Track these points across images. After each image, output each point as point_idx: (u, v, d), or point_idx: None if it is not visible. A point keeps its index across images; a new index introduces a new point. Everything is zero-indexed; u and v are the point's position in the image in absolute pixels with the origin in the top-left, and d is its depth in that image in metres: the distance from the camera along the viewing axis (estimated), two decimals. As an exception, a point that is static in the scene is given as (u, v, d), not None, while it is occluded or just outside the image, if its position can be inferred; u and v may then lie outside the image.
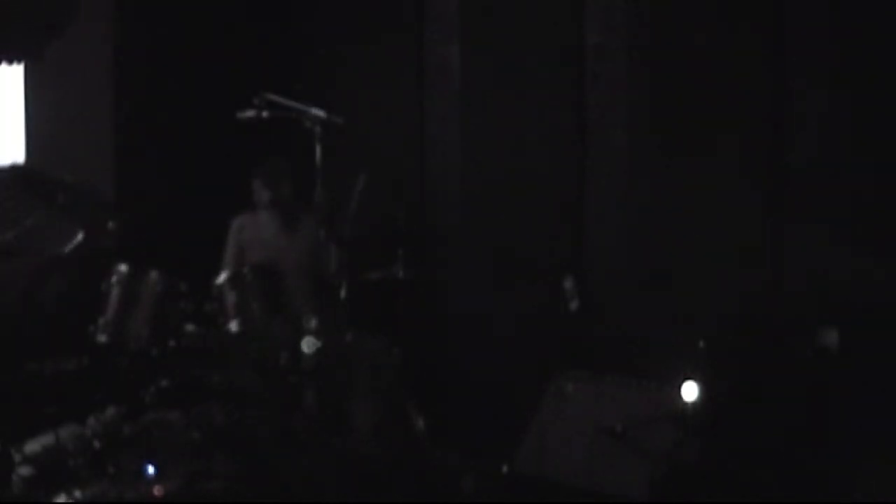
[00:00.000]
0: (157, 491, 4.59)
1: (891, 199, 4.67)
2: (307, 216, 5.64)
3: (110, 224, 5.22)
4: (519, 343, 5.77)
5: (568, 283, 5.28)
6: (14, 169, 5.31)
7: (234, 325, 5.22)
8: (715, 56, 5.16)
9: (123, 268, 5.20)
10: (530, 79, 5.87)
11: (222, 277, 5.31)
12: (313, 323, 4.88)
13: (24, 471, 4.71)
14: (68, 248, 4.76)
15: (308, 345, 4.82)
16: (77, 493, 4.56)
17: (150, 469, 4.70)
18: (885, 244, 4.65)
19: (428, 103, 6.40)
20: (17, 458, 4.73)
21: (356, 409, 5.22)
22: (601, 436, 4.62)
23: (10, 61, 6.04)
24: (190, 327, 5.25)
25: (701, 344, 4.65)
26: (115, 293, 5.16)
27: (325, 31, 6.91)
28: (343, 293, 5.43)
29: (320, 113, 4.94)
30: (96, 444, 4.85)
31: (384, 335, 5.47)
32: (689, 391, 4.49)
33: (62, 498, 4.52)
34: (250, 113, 5.07)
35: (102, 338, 5.14)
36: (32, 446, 4.90)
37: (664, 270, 5.30)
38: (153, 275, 5.22)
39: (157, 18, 6.64)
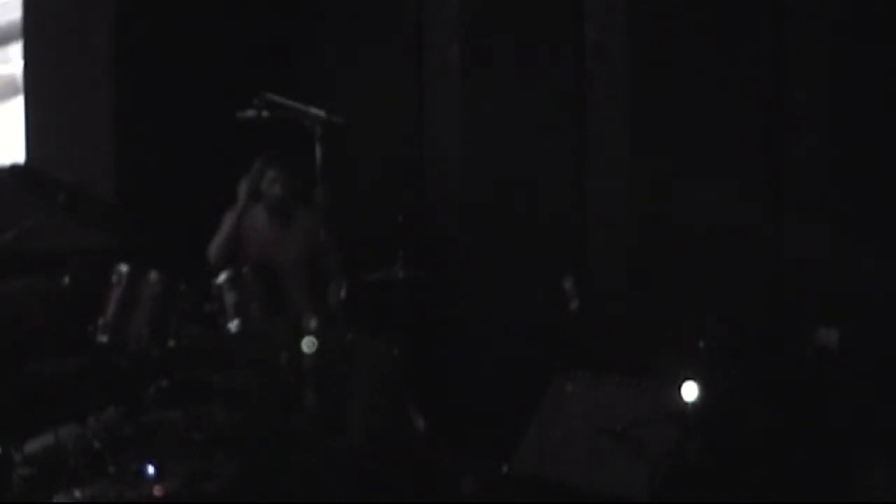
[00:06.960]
0: (157, 491, 4.59)
1: (891, 198, 4.66)
2: (303, 213, 5.62)
3: (110, 224, 5.23)
4: (519, 343, 5.77)
5: (568, 283, 5.28)
6: (14, 169, 5.32)
7: (233, 325, 5.23)
8: (715, 55, 5.16)
9: (123, 268, 5.20)
10: (530, 78, 5.87)
11: (222, 277, 5.31)
12: (313, 323, 4.88)
13: (24, 471, 4.71)
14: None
15: (308, 345, 4.81)
16: (77, 493, 4.56)
17: (150, 469, 4.70)
18: (885, 243, 4.65)
19: (428, 103, 6.39)
20: (17, 458, 4.73)
21: (356, 410, 5.22)
22: (601, 436, 4.61)
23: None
24: (190, 327, 5.26)
25: (701, 344, 4.65)
26: (115, 293, 5.16)
27: (326, 31, 6.91)
28: (343, 293, 5.44)
29: (320, 113, 4.94)
30: (96, 444, 4.85)
31: (384, 335, 5.47)
32: (689, 391, 4.48)
33: (62, 498, 4.52)
34: (250, 113, 5.05)
35: (102, 338, 5.14)
36: (32, 446, 4.90)
37: (664, 270, 5.30)
38: (153, 275, 5.22)
39: (157, 18, 6.64)
